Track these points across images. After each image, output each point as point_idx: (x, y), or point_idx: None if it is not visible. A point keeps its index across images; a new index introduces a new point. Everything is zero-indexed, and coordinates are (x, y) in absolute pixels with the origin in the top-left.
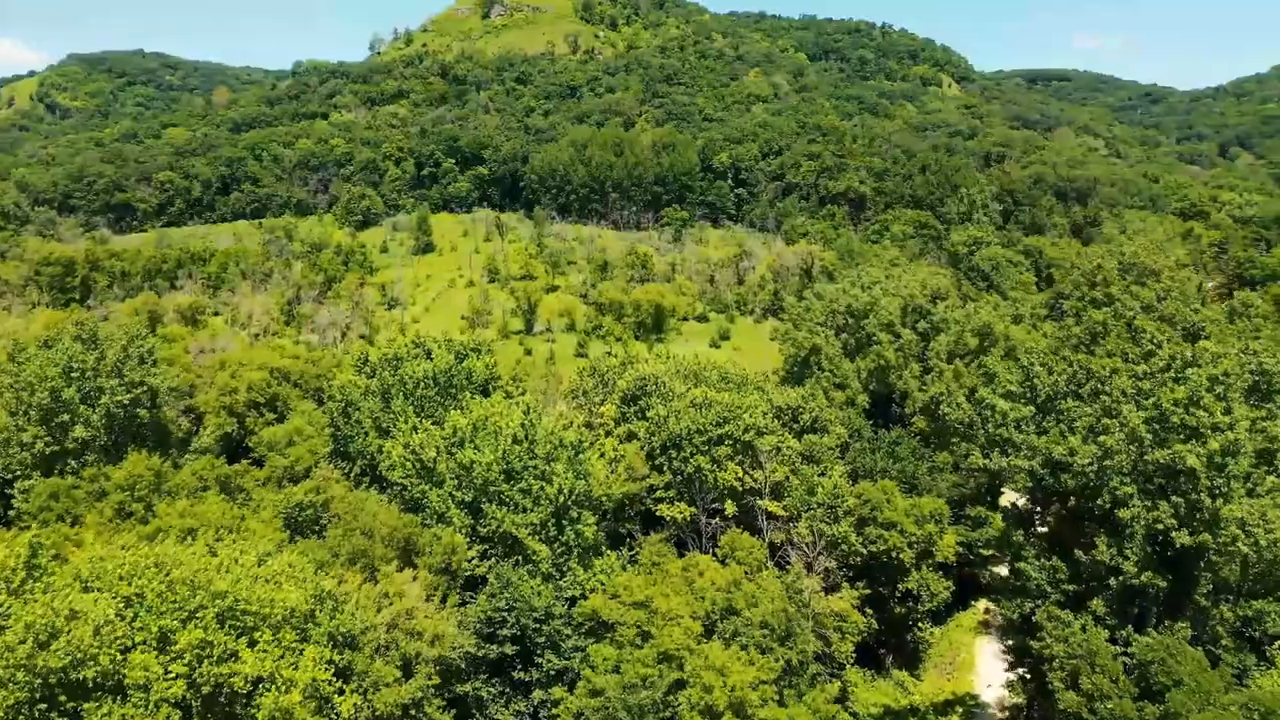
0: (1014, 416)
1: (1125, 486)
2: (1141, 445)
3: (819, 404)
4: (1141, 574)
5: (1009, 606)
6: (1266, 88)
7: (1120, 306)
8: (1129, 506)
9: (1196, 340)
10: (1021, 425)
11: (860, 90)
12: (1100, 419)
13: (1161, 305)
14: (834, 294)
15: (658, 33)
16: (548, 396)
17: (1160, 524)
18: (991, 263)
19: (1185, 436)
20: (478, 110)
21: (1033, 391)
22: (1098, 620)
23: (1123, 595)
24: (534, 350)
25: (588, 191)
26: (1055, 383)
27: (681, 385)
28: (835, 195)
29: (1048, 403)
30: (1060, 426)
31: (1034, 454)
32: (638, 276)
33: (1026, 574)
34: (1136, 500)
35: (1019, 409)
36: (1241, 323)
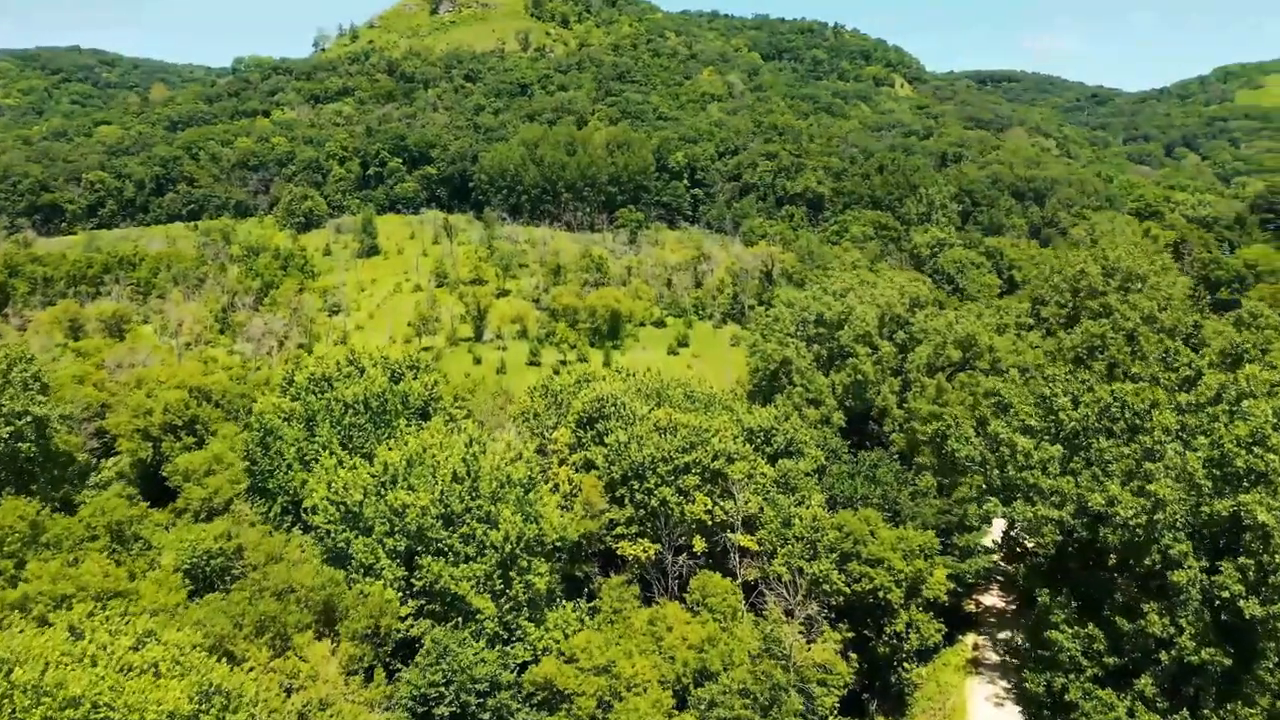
0: (1039, 457)
1: (1179, 544)
2: (1199, 494)
3: (793, 424)
4: (1200, 650)
5: (1035, 679)
6: (1208, 90)
7: (1119, 318)
8: (1184, 568)
9: (1197, 352)
10: (1047, 467)
11: (814, 90)
12: (1142, 461)
13: (1163, 315)
14: (804, 302)
15: (610, 30)
16: (496, 418)
17: (1225, 590)
18: (957, 265)
19: (1251, 483)
20: (426, 108)
21: (1057, 426)
22: (1146, 703)
23: (1176, 673)
24: (484, 358)
25: (539, 192)
26: (1085, 416)
27: (643, 406)
28: (793, 196)
29: (1074, 439)
30: (1094, 470)
31: (1063, 500)
32: (592, 280)
33: (1058, 644)
34: (1193, 560)
35: (1045, 448)
36: (1250, 334)
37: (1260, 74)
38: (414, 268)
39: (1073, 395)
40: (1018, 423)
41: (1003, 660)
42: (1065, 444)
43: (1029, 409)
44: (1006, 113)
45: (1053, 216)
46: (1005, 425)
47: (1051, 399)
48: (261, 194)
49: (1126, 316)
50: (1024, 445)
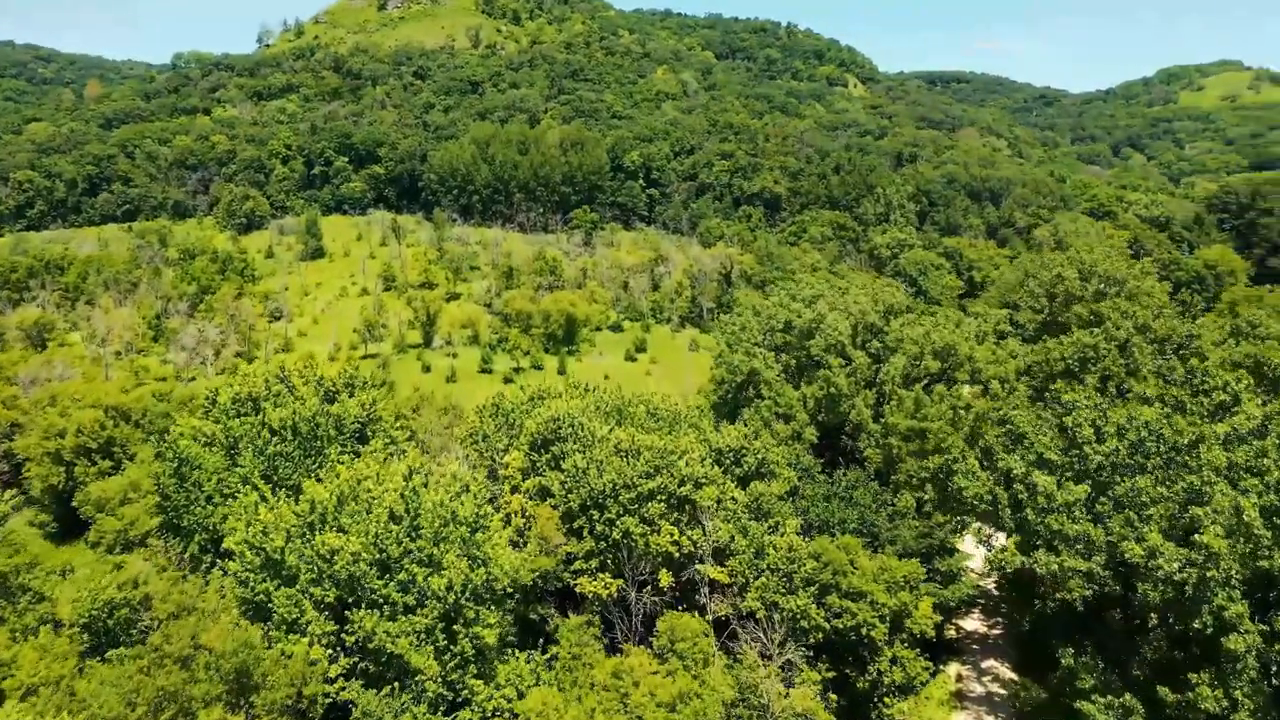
0: (1063, 499)
1: (1234, 604)
2: (1256, 546)
3: (765, 443)
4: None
5: None
6: (1152, 91)
7: (1110, 326)
8: (1240, 633)
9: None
10: (1073, 510)
11: (769, 90)
12: (1186, 506)
13: (1157, 324)
14: (771, 309)
15: (562, 28)
16: (443, 438)
17: None
18: (919, 267)
19: None
20: (373, 106)
21: (1081, 460)
22: None
23: None
24: (433, 366)
25: (491, 192)
26: (1114, 451)
27: (602, 426)
28: (750, 196)
29: (1099, 474)
30: (1127, 513)
31: (1091, 549)
32: (546, 283)
33: (1090, 717)
34: (1249, 625)
35: (1070, 489)
36: (1249, 345)
37: (1200, 76)
38: (361, 271)
39: (1098, 425)
40: (1032, 455)
41: (988, 693)
42: (1091, 482)
43: (1046, 441)
44: (958, 113)
45: (1009, 217)
46: (1019, 459)
47: (1074, 430)
48: (201, 194)
49: (1119, 325)
50: (1045, 485)
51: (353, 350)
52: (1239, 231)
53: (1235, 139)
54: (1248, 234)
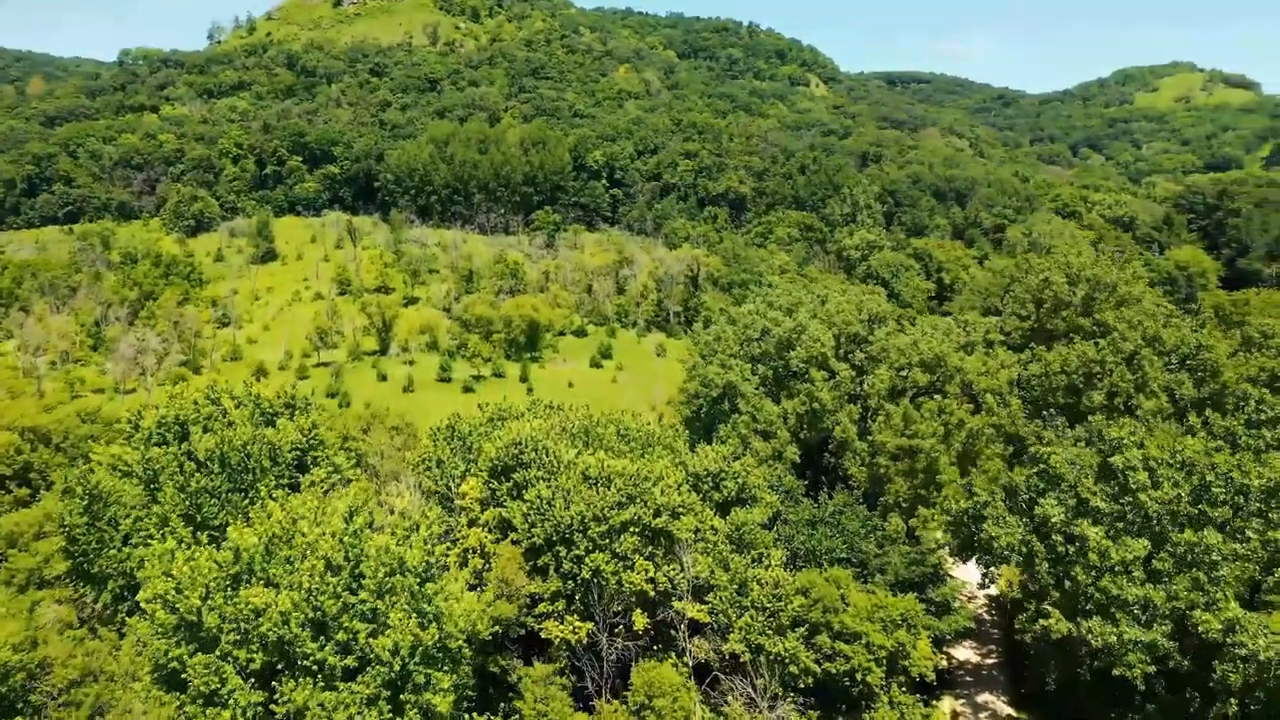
0: (1118, 556)
1: None
2: None
3: (745, 464)
4: None
5: None
6: (1108, 92)
7: (1117, 338)
8: None
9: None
10: (1130, 570)
11: (732, 89)
12: (1270, 566)
13: (1166, 334)
14: (748, 318)
15: (523, 25)
16: (395, 461)
17: None
18: (890, 269)
19: None
20: (328, 104)
21: (1134, 508)
22: None
23: None
24: (390, 375)
25: (450, 192)
26: (1175, 498)
27: (569, 450)
28: (715, 196)
29: (1154, 524)
30: (1194, 574)
31: (1152, 615)
32: (507, 287)
33: None
34: None
35: (1127, 544)
36: (1261, 358)
37: (1154, 77)
38: (314, 274)
39: (1151, 467)
40: (1072, 500)
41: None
42: (1148, 533)
43: (1090, 484)
44: (920, 113)
45: (975, 217)
46: (1056, 505)
47: (1124, 471)
48: (147, 195)
49: (1125, 336)
50: (1096, 539)
51: (305, 358)
52: (1206, 232)
53: (1190, 139)
54: (1215, 234)
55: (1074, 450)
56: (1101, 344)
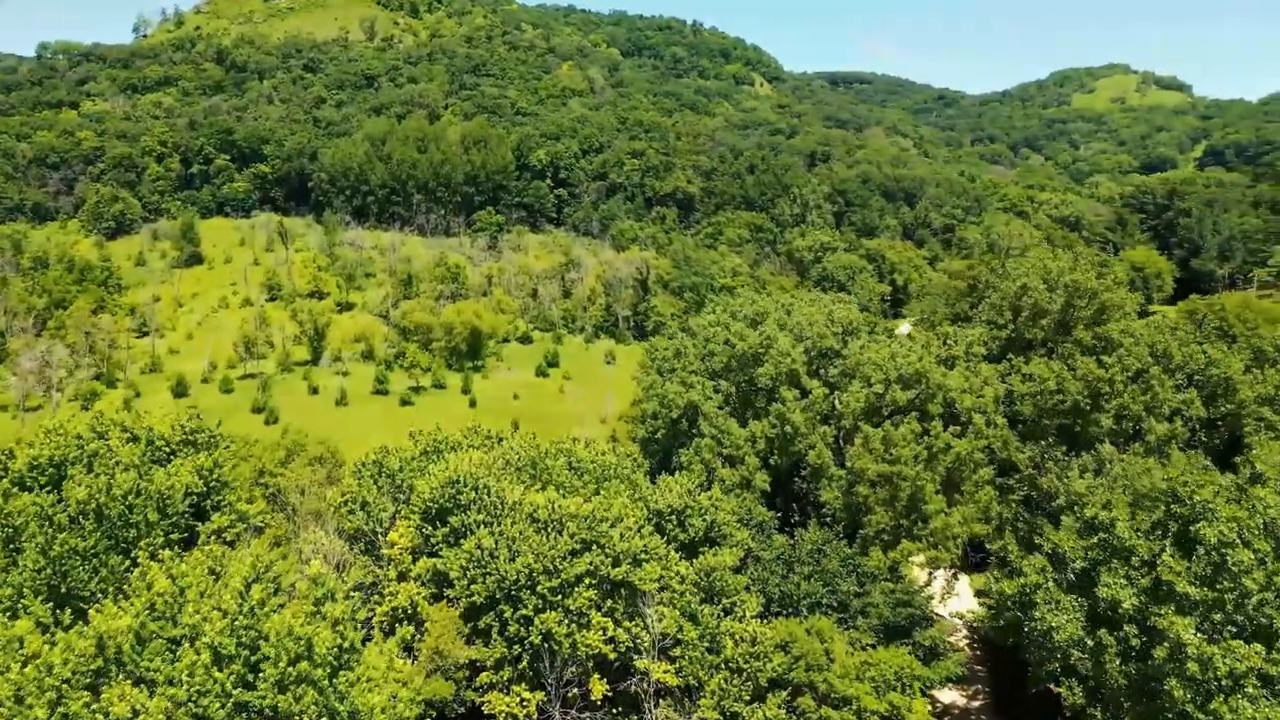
0: (1226, 667)
1: None
2: None
3: (713, 497)
4: None
5: None
6: (1046, 93)
7: (1123, 354)
8: None
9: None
10: (1242, 684)
11: (677, 88)
12: None
13: (1175, 347)
14: (709, 329)
15: (463, 21)
16: (317, 498)
17: None
18: (847, 271)
19: None
20: (259, 100)
21: (1239, 595)
22: None
23: None
24: (322, 387)
25: (388, 192)
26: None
27: (515, 487)
28: (663, 196)
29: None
30: None
31: None
32: (448, 292)
33: None
34: None
35: (1237, 650)
36: (1275, 375)
37: (1090, 78)
38: (243, 279)
39: (1240, 528)
40: (1145, 581)
41: None
42: (1252, 626)
43: (1172, 563)
44: (864, 113)
45: (925, 217)
46: (1124, 585)
47: (1221, 551)
48: (64, 195)
49: (1130, 351)
50: (1195, 644)
51: (230, 369)
52: (1157, 232)
53: (1126, 140)
54: (1166, 235)
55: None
56: (1108, 360)
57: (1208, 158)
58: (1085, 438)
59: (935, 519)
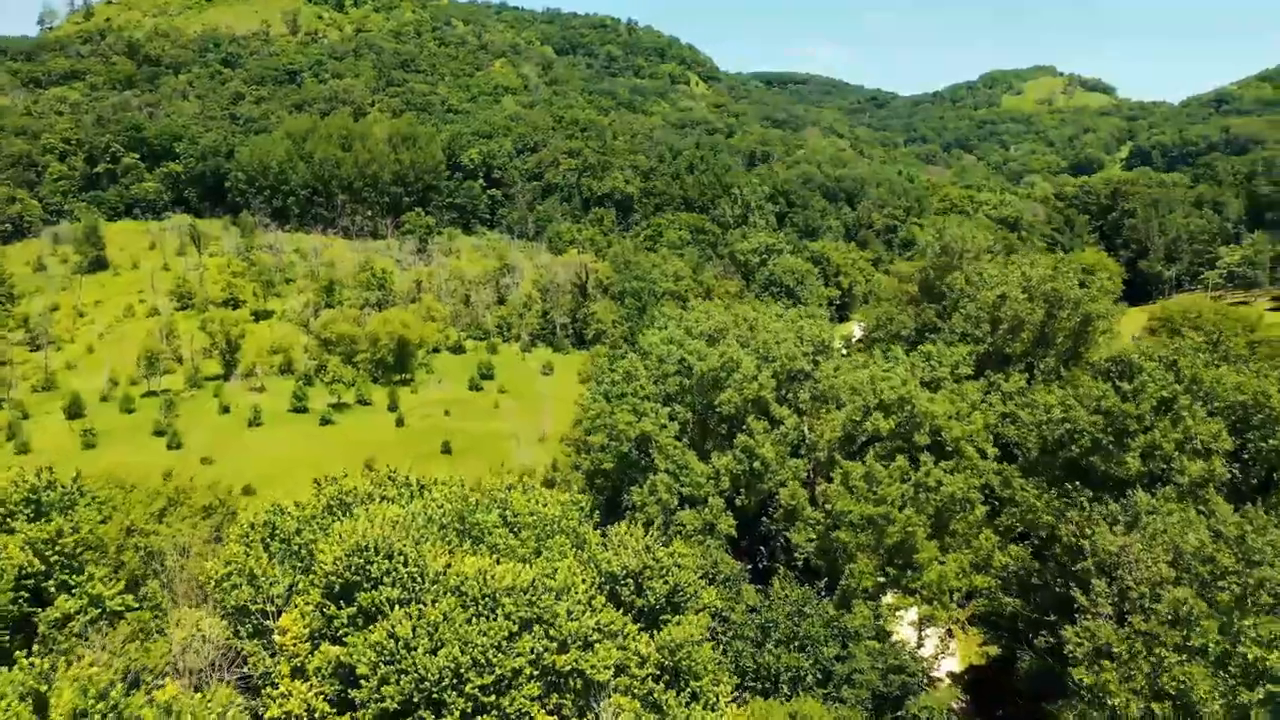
0: None
1: None
2: None
3: (677, 553)
4: None
5: None
6: (976, 94)
7: (1147, 379)
8: None
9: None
10: None
11: (613, 86)
12: None
13: (1205, 371)
14: (661, 348)
15: (391, 16)
16: (204, 567)
17: None
18: (795, 276)
19: None
20: (173, 96)
21: None
22: None
23: None
24: (234, 405)
25: (310, 193)
26: None
27: (439, 554)
28: (600, 197)
29: None
30: None
31: None
32: (374, 299)
33: None
34: None
35: None
36: None
37: (1019, 80)
38: (151, 286)
39: None
40: None
41: None
42: None
43: None
44: (800, 113)
45: (867, 218)
46: None
47: None
48: None
49: (1154, 376)
50: None
51: (133, 386)
52: (1102, 233)
53: (1055, 141)
54: (1111, 235)
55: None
56: (1125, 388)
57: (1134, 158)
58: (1101, 476)
59: (929, 569)
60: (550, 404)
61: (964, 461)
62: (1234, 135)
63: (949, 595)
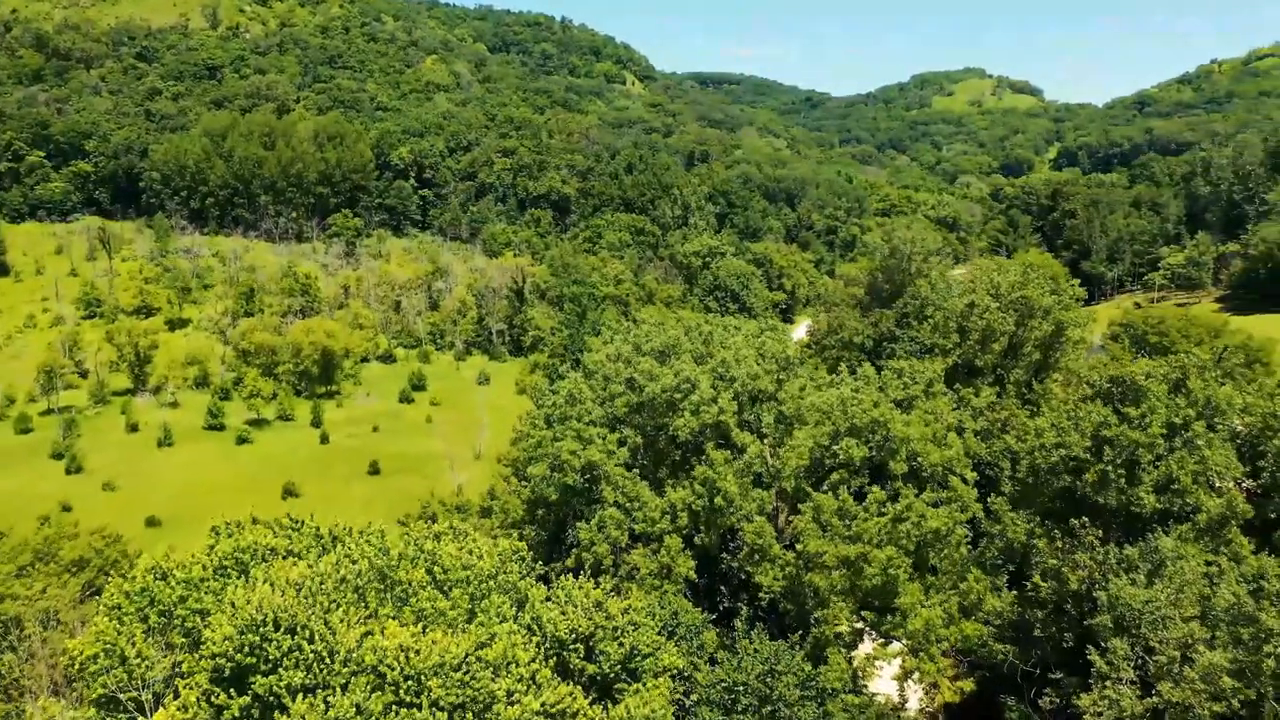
0: None
1: None
2: None
3: (630, 609)
4: None
5: None
6: (908, 95)
7: (1152, 398)
8: None
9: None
10: None
11: (548, 84)
12: None
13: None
14: (608, 366)
15: (317, 10)
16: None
17: None
18: (740, 279)
19: None
20: (84, 91)
21: None
22: None
23: None
24: (143, 423)
25: (230, 193)
26: None
27: (353, 625)
28: (537, 197)
29: None
30: None
31: None
32: (298, 306)
33: None
34: None
35: None
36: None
37: (949, 82)
38: (56, 293)
39: None
40: None
41: None
42: None
43: None
44: (736, 113)
45: (808, 219)
46: None
47: None
48: None
49: (1161, 399)
50: None
51: (32, 403)
52: (1044, 233)
53: (986, 141)
54: (1052, 236)
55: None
56: (1131, 413)
57: (1062, 159)
58: (1098, 509)
59: (913, 616)
60: (487, 416)
61: (948, 493)
62: (1156, 136)
63: (938, 646)
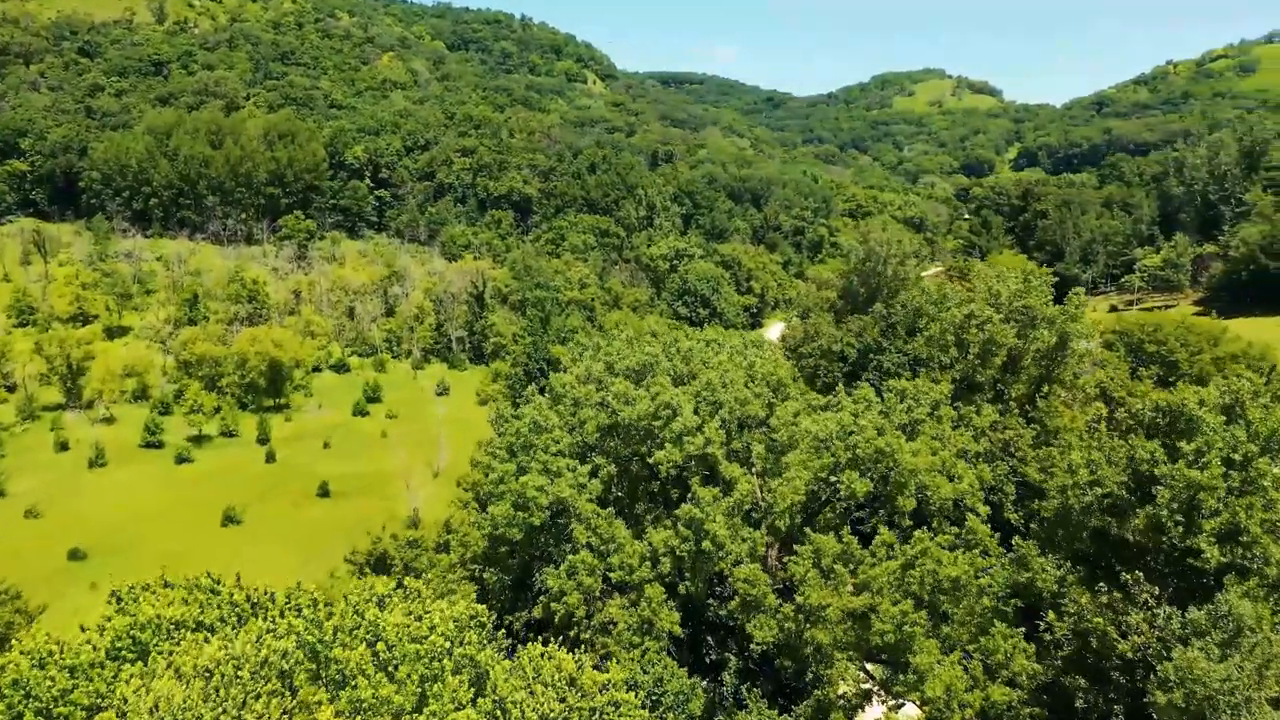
0: None
1: None
2: None
3: (612, 686)
4: None
5: None
6: (869, 96)
7: (1208, 430)
8: None
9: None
10: None
11: (508, 83)
12: None
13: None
14: (578, 389)
15: (269, 5)
16: None
17: None
18: (710, 283)
19: None
20: (21, 87)
21: None
22: None
23: None
24: (75, 440)
25: (174, 194)
26: None
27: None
28: (497, 198)
29: None
30: None
31: None
32: (245, 313)
33: None
34: None
35: None
36: None
37: (910, 82)
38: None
39: None
40: None
41: None
42: None
43: None
44: (699, 113)
45: (774, 220)
46: None
47: None
48: None
49: (1216, 431)
50: None
51: None
52: (1015, 234)
53: (946, 142)
54: (1024, 237)
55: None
56: (1185, 448)
57: (1022, 159)
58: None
59: (932, 679)
60: (446, 430)
61: (960, 530)
62: (1116, 136)
63: (959, 710)
